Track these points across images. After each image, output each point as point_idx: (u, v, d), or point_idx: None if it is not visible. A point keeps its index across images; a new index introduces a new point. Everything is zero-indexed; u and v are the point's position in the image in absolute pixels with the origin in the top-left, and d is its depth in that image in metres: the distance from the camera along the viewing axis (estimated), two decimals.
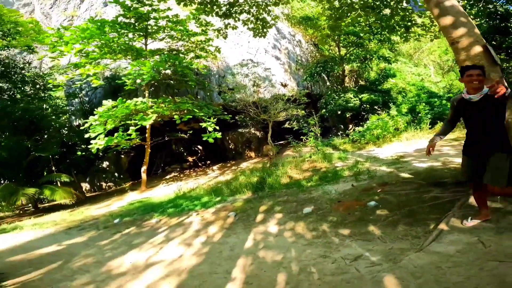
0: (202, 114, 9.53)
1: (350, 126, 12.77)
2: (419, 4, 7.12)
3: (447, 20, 3.85)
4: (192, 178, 11.88)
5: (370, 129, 10.25)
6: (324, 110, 12.68)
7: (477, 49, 3.70)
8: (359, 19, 8.77)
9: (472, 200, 3.59)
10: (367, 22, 9.38)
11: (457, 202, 3.71)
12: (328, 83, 14.59)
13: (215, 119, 10.14)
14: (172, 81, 10.93)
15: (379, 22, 7.99)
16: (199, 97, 12.43)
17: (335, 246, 3.25)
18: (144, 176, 10.75)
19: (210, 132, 9.63)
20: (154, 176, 13.58)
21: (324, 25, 11.79)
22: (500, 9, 8.86)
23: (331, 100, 12.42)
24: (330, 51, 15.13)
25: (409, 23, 7.74)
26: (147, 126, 9.99)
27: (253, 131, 14.48)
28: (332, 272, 2.68)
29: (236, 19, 7.52)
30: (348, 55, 13.26)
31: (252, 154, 14.24)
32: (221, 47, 11.88)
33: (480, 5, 8.33)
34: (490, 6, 8.84)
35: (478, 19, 9.13)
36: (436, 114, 9.88)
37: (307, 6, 13.53)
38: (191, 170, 14.17)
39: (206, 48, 11.04)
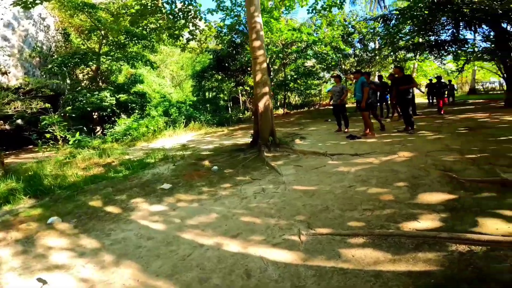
0: None
1: (98, 127, 11.76)
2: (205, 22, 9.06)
3: (257, 43, 5.96)
4: None
5: (132, 128, 10.42)
6: (69, 108, 10.48)
7: (265, 65, 6.18)
8: (160, 22, 8.80)
9: (263, 154, 5.91)
10: (157, 26, 9.58)
11: (261, 154, 5.81)
12: (68, 80, 12.05)
13: None
14: None
15: (173, 29, 8.69)
16: None
17: (236, 191, 3.93)
18: None
19: None
20: None
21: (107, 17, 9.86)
22: (237, 40, 13.40)
23: (81, 97, 10.63)
24: (83, 44, 12.73)
25: (192, 36, 9.33)
26: None
27: None
28: (259, 200, 3.49)
29: None
30: (112, 53, 12.01)
31: None
32: None
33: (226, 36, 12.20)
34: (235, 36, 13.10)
35: (223, 45, 13.11)
36: (186, 117, 12.40)
37: None
38: None
39: None
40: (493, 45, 11.23)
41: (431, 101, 13.89)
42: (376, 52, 14.27)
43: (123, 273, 2.22)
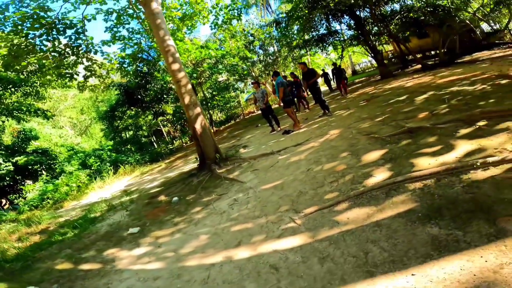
0: None
1: (3, 201, 9.73)
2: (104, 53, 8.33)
3: (176, 66, 6.01)
4: None
5: (49, 191, 9.00)
6: None
7: (189, 86, 6.33)
8: (44, 61, 7.48)
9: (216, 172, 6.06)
10: (35, 68, 8.10)
11: (214, 172, 5.92)
12: None
13: None
14: None
15: (62, 67, 7.64)
16: None
17: (211, 210, 4.01)
18: None
19: None
20: None
21: None
22: (144, 68, 12.67)
23: None
24: None
25: (90, 73, 8.40)
26: None
27: None
28: (237, 209, 3.71)
29: None
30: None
31: None
32: None
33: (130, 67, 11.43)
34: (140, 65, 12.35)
35: (130, 76, 12.20)
36: (112, 162, 11.16)
37: None
38: None
39: None
40: (356, 32, 14.16)
41: (331, 87, 16.38)
42: (277, 54, 16.11)
43: None
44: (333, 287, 1.75)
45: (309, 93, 8.75)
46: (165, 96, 14.67)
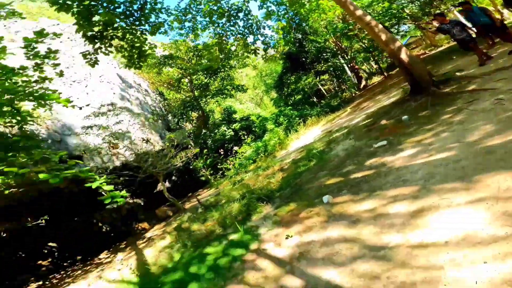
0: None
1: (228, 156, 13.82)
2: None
3: (359, 12, 6.57)
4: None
5: (259, 147, 11.80)
6: (210, 142, 12.86)
7: (380, 26, 6.45)
8: (236, 43, 10.13)
9: (438, 92, 5.74)
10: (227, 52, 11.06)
11: (436, 94, 5.67)
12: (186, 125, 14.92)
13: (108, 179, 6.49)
14: None
15: (248, 46, 9.63)
16: None
17: (477, 112, 3.94)
18: None
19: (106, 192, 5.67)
20: None
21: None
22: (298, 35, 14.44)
23: (208, 137, 12.94)
24: (177, 96, 15.94)
25: (266, 45, 10.16)
26: None
27: (131, 201, 11.09)
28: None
29: (107, 44, 6.51)
30: (209, 93, 14.52)
31: (145, 225, 10.83)
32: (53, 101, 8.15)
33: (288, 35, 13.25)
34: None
35: (290, 44, 14.42)
36: (297, 117, 13.48)
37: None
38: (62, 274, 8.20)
39: (35, 92, 6.03)
40: None
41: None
42: None
43: None
44: None
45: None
46: (324, 54, 15.38)
